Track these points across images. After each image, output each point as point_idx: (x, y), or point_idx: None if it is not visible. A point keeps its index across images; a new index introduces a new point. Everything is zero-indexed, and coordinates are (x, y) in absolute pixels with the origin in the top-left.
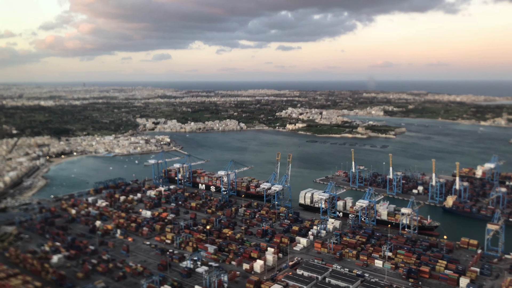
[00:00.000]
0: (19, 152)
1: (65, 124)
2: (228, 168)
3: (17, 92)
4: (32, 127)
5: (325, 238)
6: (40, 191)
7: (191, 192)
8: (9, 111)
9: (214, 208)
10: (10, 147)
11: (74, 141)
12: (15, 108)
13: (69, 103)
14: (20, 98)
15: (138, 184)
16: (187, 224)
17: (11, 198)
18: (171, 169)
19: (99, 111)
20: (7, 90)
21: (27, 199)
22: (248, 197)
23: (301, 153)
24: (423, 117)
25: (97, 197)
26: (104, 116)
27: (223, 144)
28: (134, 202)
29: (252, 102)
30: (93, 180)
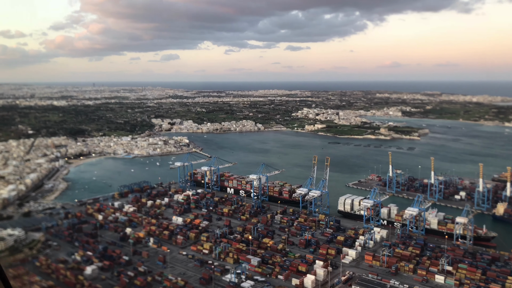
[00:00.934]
0: (36, 153)
1: (79, 124)
2: (259, 171)
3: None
4: (47, 127)
5: (373, 249)
6: (62, 194)
7: (221, 197)
8: (23, 111)
9: (248, 214)
10: (27, 147)
11: (91, 141)
12: (28, 108)
13: (82, 103)
14: (32, 98)
15: (164, 188)
16: (223, 232)
17: (34, 202)
18: (196, 172)
19: (113, 111)
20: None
21: (50, 203)
22: (281, 203)
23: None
24: (443, 118)
25: (123, 201)
26: (118, 116)
27: (244, 145)
28: (162, 207)
29: (265, 103)
30: (115, 183)
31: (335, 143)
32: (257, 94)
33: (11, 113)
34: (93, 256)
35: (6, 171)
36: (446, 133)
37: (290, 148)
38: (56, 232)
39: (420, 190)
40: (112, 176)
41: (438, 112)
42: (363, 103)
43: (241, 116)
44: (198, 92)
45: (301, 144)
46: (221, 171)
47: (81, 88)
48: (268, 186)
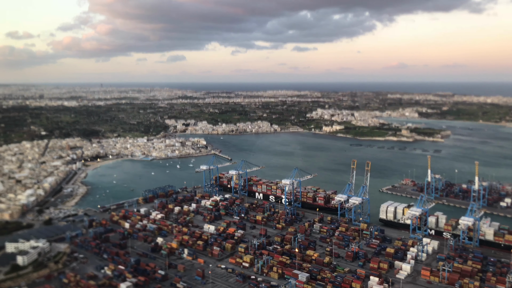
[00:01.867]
0: (52, 155)
1: (92, 125)
2: (292, 176)
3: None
4: (60, 128)
5: (427, 262)
6: (82, 199)
7: (250, 203)
8: (34, 112)
9: (283, 222)
10: (41, 149)
11: (106, 143)
12: (39, 109)
13: (93, 104)
14: (42, 99)
15: (190, 193)
16: (261, 242)
17: (54, 208)
18: (222, 176)
19: (125, 111)
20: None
21: (71, 210)
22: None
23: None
24: (461, 119)
25: (148, 207)
26: (130, 117)
27: (264, 147)
28: (191, 214)
29: (277, 103)
30: (137, 187)
31: (357, 145)
32: (266, 95)
33: (22, 114)
34: (126, 270)
35: (22, 174)
36: (471, 135)
37: (313, 151)
38: (82, 243)
39: (460, 196)
40: (133, 180)
41: (455, 113)
42: (377, 104)
43: (255, 117)
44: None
45: (323, 146)
46: (248, 175)
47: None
48: (301, 191)
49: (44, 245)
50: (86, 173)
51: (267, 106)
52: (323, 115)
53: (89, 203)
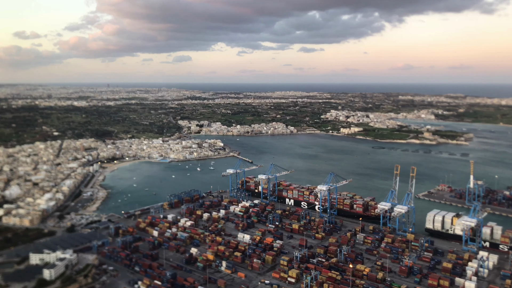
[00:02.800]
0: (66, 156)
1: (104, 126)
2: (328, 181)
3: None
4: (71, 128)
5: (489, 279)
6: (103, 204)
7: (283, 210)
8: (44, 112)
9: (322, 232)
10: (56, 150)
11: (121, 144)
12: (49, 109)
13: (103, 104)
14: (50, 98)
15: (217, 198)
16: (304, 255)
17: (75, 213)
18: (249, 180)
19: (135, 112)
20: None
21: (93, 215)
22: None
23: (377, 163)
24: (480, 122)
25: (175, 213)
26: (142, 118)
27: (284, 150)
28: (221, 221)
29: (288, 104)
30: (159, 191)
31: (380, 147)
32: (275, 96)
33: (33, 114)
34: (162, 286)
35: (38, 177)
36: (496, 138)
37: (337, 154)
38: (110, 253)
39: (505, 204)
40: (154, 183)
41: (472, 116)
42: (390, 105)
43: (268, 118)
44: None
45: (345, 149)
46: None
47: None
48: (337, 198)
49: (71, 257)
50: (104, 176)
51: (279, 107)
52: (338, 117)
53: (111, 208)
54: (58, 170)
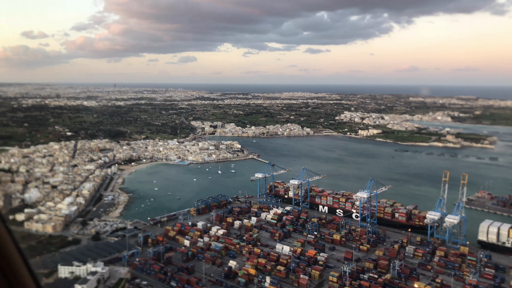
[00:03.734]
0: (82, 157)
1: (117, 126)
2: (368, 187)
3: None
4: (84, 128)
5: None
6: (125, 209)
7: (319, 217)
8: (55, 111)
9: (367, 243)
10: (70, 151)
11: (136, 145)
12: (59, 108)
13: (113, 104)
14: (59, 98)
15: (246, 203)
16: (353, 269)
17: (98, 219)
18: (277, 185)
19: (146, 112)
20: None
21: (117, 222)
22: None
23: (406, 167)
24: (499, 124)
25: (203, 220)
26: (153, 118)
27: (305, 152)
28: (254, 230)
29: (300, 105)
30: (182, 195)
31: (403, 150)
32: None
33: (44, 113)
34: None
35: (56, 179)
36: None
37: (361, 157)
38: (142, 265)
39: None
40: (175, 187)
41: (490, 118)
42: (402, 107)
43: (282, 119)
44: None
45: (368, 152)
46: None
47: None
48: (377, 206)
49: (103, 270)
50: (123, 179)
51: (291, 108)
52: (353, 118)
53: (134, 214)
54: (75, 172)
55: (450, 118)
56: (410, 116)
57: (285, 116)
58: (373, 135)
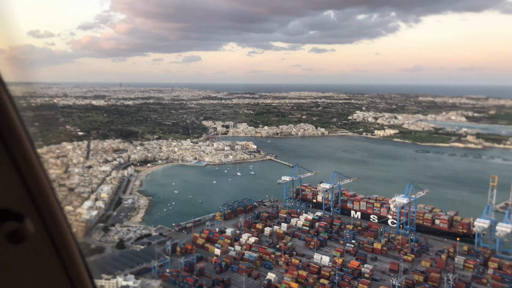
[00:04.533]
0: (96, 158)
1: (127, 126)
2: (407, 192)
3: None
4: (95, 128)
5: None
6: (147, 214)
7: (354, 225)
8: (65, 110)
9: (410, 252)
10: (84, 151)
11: (149, 145)
12: (68, 107)
13: (121, 103)
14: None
15: (273, 208)
16: (402, 283)
17: (120, 225)
18: (304, 189)
19: (156, 111)
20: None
21: (140, 227)
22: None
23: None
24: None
25: (230, 226)
26: (164, 118)
27: (325, 154)
28: (287, 237)
29: (310, 105)
30: (204, 199)
31: (424, 152)
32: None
33: (54, 112)
34: None
35: (73, 182)
36: None
37: (383, 159)
38: (174, 277)
39: None
40: (196, 190)
41: (506, 118)
42: (414, 106)
43: (294, 119)
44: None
45: (390, 153)
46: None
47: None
48: (416, 212)
49: (135, 284)
50: (140, 181)
51: (301, 108)
52: (366, 118)
53: (157, 219)
54: (91, 173)
55: (465, 118)
56: (423, 115)
57: (296, 115)
58: (390, 135)
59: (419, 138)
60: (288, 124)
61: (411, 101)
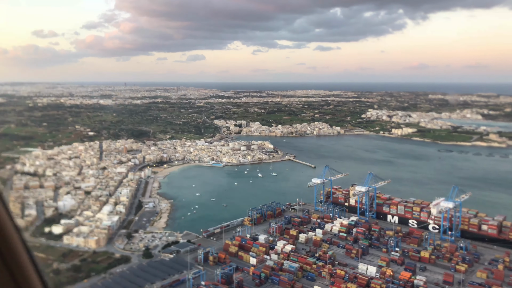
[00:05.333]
0: (110, 159)
1: (138, 125)
2: (451, 196)
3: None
4: (105, 128)
5: None
6: (171, 218)
7: (394, 230)
8: (73, 110)
9: (461, 261)
10: (97, 152)
11: (163, 145)
12: (76, 107)
13: (129, 102)
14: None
15: (304, 212)
16: None
17: (143, 231)
18: (335, 191)
19: (165, 111)
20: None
21: (166, 234)
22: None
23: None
24: None
25: (261, 231)
26: (174, 117)
27: (346, 153)
28: (325, 245)
29: (320, 103)
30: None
31: (447, 151)
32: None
33: (61, 112)
34: None
35: (89, 184)
36: None
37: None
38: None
39: None
40: (217, 192)
41: None
42: (425, 104)
43: (307, 117)
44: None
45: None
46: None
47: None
48: (460, 216)
49: None
50: (158, 183)
51: (312, 106)
52: (381, 116)
53: (182, 224)
54: (106, 175)
55: (480, 116)
56: (437, 114)
57: (309, 114)
58: (408, 134)
59: (439, 137)
60: (302, 123)
61: (421, 99)
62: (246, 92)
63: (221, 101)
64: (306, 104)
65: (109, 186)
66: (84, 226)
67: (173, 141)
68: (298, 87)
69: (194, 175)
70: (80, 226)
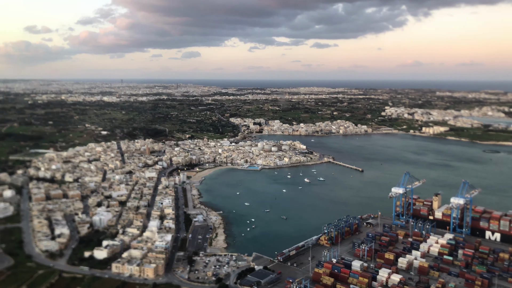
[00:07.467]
0: (134, 161)
1: (151, 123)
2: None
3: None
4: (117, 126)
5: None
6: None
7: (501, 251)
8: (76, 107)
9: None
10: (116, 154)
11: (185, 145)
12: (79, 104)
13: (135, 99)
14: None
15: (387, 228)
16: None
17: (204, 254)
18: (415, 202)
19: (174, 108)
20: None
21: (233, 257)
22: None
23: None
24: None
25: (347, 254)
26: (185, 115)
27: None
28: (434, 273)
29: (332, 100)
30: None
31: (493, 151)
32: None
33: (66, 110)
34: None
35: (120, 193)
36: None
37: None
38: None
39: None
40: (268, 201)
41: None
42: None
43: (326, 115)
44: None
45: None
46: (471, 202)
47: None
48: None
49: None
50: (197, 190)
51: (325, 104)
52: (402, 114)
53: (244, 243)
54: (135, 181)
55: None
56: (456, 111)
57: (326, 112)
58: (441, 133)
59: (475, 136)
60: (322, 121)
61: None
62: (248, 89)
63: (229, 98)
64: (318, 101)
65: (145, 195)
66: (135, 250)
67: (194, 141)
68: (292, 85)
69: (233, 181)
70: (130, 250)
